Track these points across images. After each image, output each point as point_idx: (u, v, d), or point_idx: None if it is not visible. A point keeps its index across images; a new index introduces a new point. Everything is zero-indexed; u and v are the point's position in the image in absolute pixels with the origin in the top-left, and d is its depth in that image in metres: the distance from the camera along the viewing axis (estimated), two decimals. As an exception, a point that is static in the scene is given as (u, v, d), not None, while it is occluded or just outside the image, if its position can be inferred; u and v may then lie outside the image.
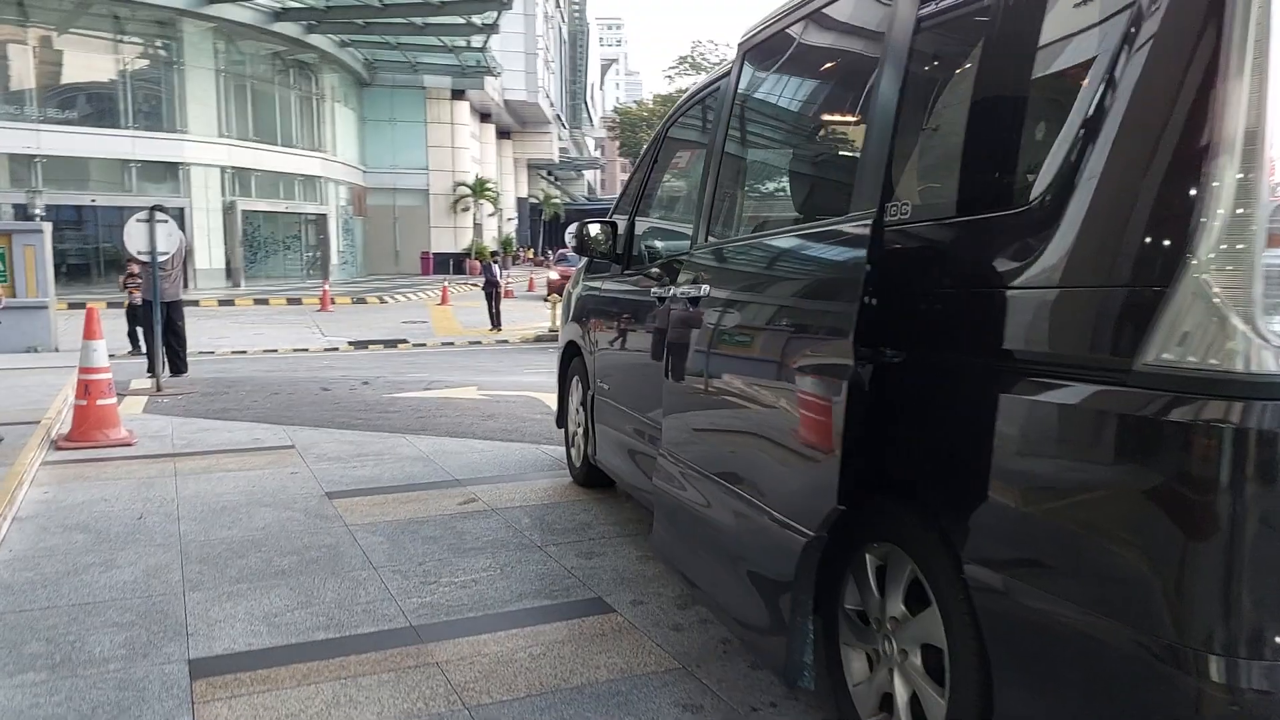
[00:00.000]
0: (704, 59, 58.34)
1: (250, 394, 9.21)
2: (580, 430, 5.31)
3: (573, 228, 4.84)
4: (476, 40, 33.02)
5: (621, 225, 4.56)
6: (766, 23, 3.07)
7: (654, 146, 4.52)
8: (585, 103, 62.99)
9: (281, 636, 3.36)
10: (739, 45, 3.27)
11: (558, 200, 52.92)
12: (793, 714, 2.83)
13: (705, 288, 3.03)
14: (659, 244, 4.66)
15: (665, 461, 3.42)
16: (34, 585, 3.84)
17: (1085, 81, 1.71)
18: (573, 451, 5.55)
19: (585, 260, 5.42)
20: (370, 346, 16.72)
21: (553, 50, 49.88)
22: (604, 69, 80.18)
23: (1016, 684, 1.83)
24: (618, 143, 69.11)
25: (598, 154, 76.64)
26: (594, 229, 4.61)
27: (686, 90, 4.40)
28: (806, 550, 2.32)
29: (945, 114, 2.21)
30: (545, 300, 20.57)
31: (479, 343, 17.93)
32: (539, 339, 18.72)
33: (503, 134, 47.28)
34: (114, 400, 6.55)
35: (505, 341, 18.21)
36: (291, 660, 3.17)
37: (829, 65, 2.91)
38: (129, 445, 6.39)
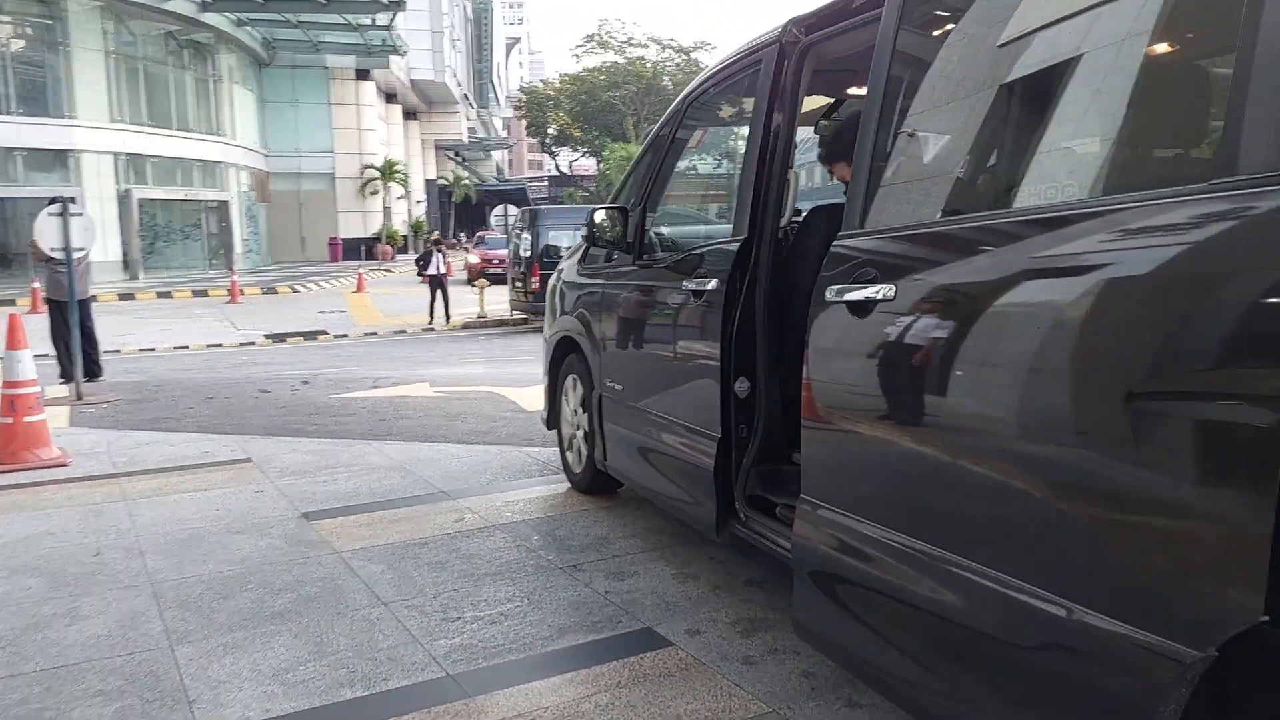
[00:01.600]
0: (611, 38, 57.61)
1: (182, 399, 8.51)
2: (580, 433, 4.90)
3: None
4: (381, 18, 31.88)
5: (634, 213, 4.16)
6: None
7: (670, 126, 4.12)
8: (492, 82, 61.76)
9: (301, 699, 2.90)
10: None
11: (468, 182, 51.76)
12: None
13: (887, 289, 2.21)
14: (681, 233, 4.28)
15: (827, 514, 2.46)
16: (-11, 647, 3.30)
17: None
18: (570, 456, 5.14)
19: (579, 250, 5.01)
20: (289, 340, 15.96)
21: (458, 29, 48.63)
22: (508, 48, 78.80)
23: None
24: (525, 122, 68.00)
25: (505, 134, 75.35)
26: (601, 216, 4.20)
27: (704, 68, 3.97)
28: None
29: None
30: (472, 285, 19.91)
31: (404, 332, 17.30)
32: (467, 326, 18.17)
33: (409, 114, 45.96)
34: (43, 416, 5.88)
35: (432, 330, 17.60)
36: (321, 731, 2.73)
37: None
38: (64, 465, 5.74)
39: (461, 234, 53.55)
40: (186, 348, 14.50)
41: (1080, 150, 2.13)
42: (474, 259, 28.49)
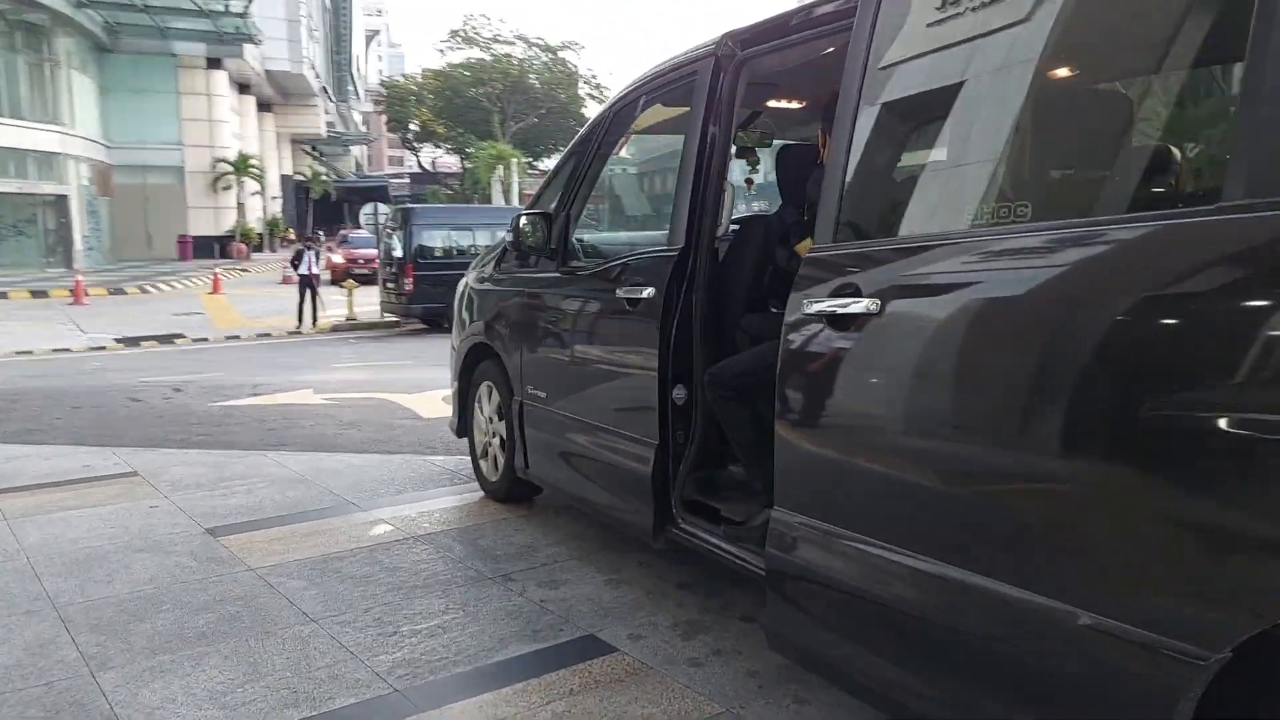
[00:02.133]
0: (478, 34, 56.81)
1: (45, 409, 8.01)
2: (497, 441, 4.87)
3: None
4: (235, 5, 30.63)
5: (558, 219, 4.17)
6: None
7: (596, 133, 4.14)
8: (351, 75, 60.13)
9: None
10: None
11: (327, 178, 50.19)
12: (874, 756, 2.64)
13: (871, 303, 2.25)
14: (604, 240, 4.32)
15: (805, 526, 2.48)
16: (-115, 684, 3.06)
17: None
18: (484, 464, 5.10)
19: (493, 256, 4.98)
20: (143, 343, 15.21)
21: (316, 18, 47.12)
22: (368, 40, 76.84)
23: None
24: (385, 117, 66.38)
25: (364, 129, 73.44)
26: (525, 221, 4.20)
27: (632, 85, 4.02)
28: None
29: None
30: (340, 286, 19.37)
31: (269, 335, 16.72)
32: (336, 329, 17.69)
33: (264, 107, 44.23)
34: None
35: (299, 333, 17.06)
36: (278, 754, 2.65)
37: None
38: (-72, 483, 5.35)
39: (320, 232, 51.88)
40: (30, 353, 13.65)
41: (1034, 170, 2.28)
42: (338, 259, 27.69)
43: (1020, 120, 2.26)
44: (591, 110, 60.59)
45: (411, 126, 61.31)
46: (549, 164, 66.36)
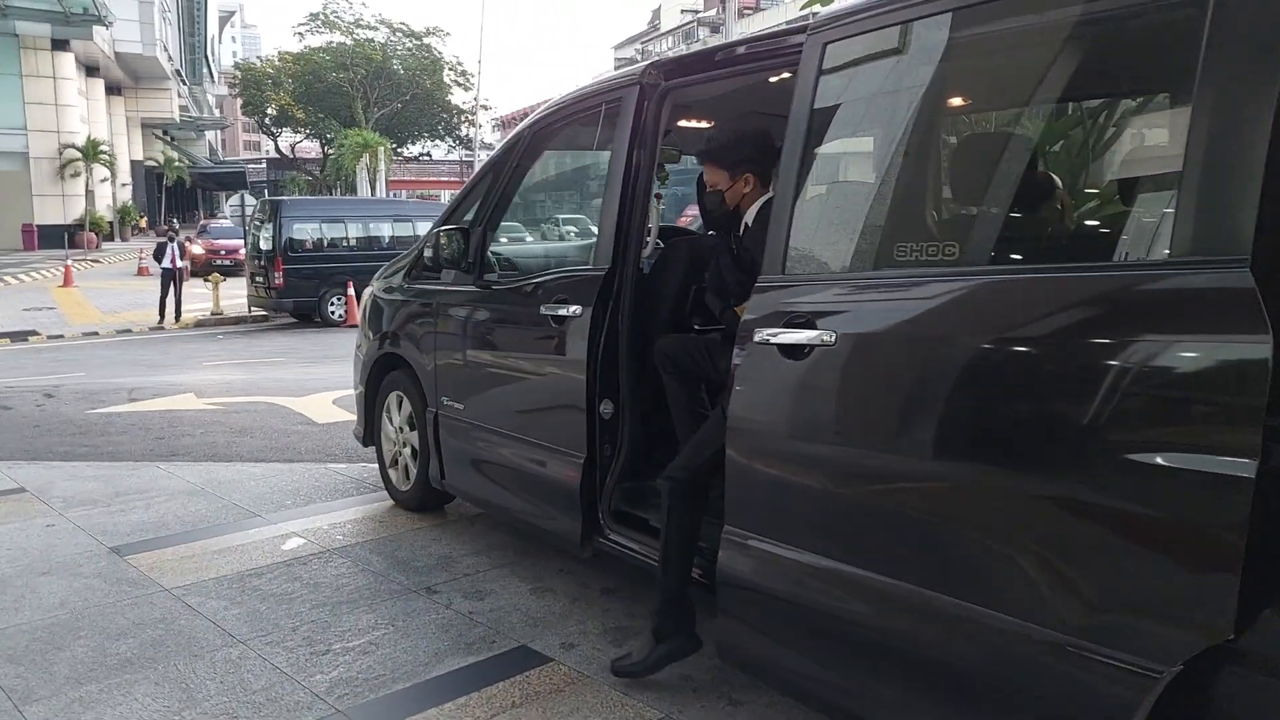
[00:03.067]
0: (339, 17, 55.22)
1: (-100, 419, 7.55)
2: (408, 450, 4.89)
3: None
4: (84, -17, 28.98)
5: (474, 233, 4.22)
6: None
7: (515, 149, 4.21)
8: (206, 57, 57.54)
9: (192, 750, 2.81)
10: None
11: (180, 164, 47.98)
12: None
13: (827, 335, 2.39)
14: (518, 253, 4.39)
15: (756, 544, 2.62)
16: None
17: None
18: (393, 474, 5.11)
19: (402, 266, 4.99)
20: (-7, 342, 14.36)
21: (168, -1, 44.94)
22: (222, 21, 73.67)
23: None
24: (240, 101, 63.88)
25: (219, 113, 70.42)
26: (443, 235, 4.23)
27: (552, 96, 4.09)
28: None
29: None
30: (205, 280, 18.67)
31: (129, 331, 16.05)
32: (201, 324, 17.10)
33: (113, 90, 41.92)
34: None
35: (162, 329, 16.41)
36: (233, 782, 2.67)
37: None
38: None
39: (174, 220, 49.63)
40: None
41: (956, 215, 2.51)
42: (198, 249, 26.58)
43: (941, 167, 2.49)
44: (458, 97, 59.84)
45: (269, 111, 59.30)
46: (414, 150, 65.48)
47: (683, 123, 4.30)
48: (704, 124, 4.17)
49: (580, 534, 3.64)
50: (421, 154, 67.14)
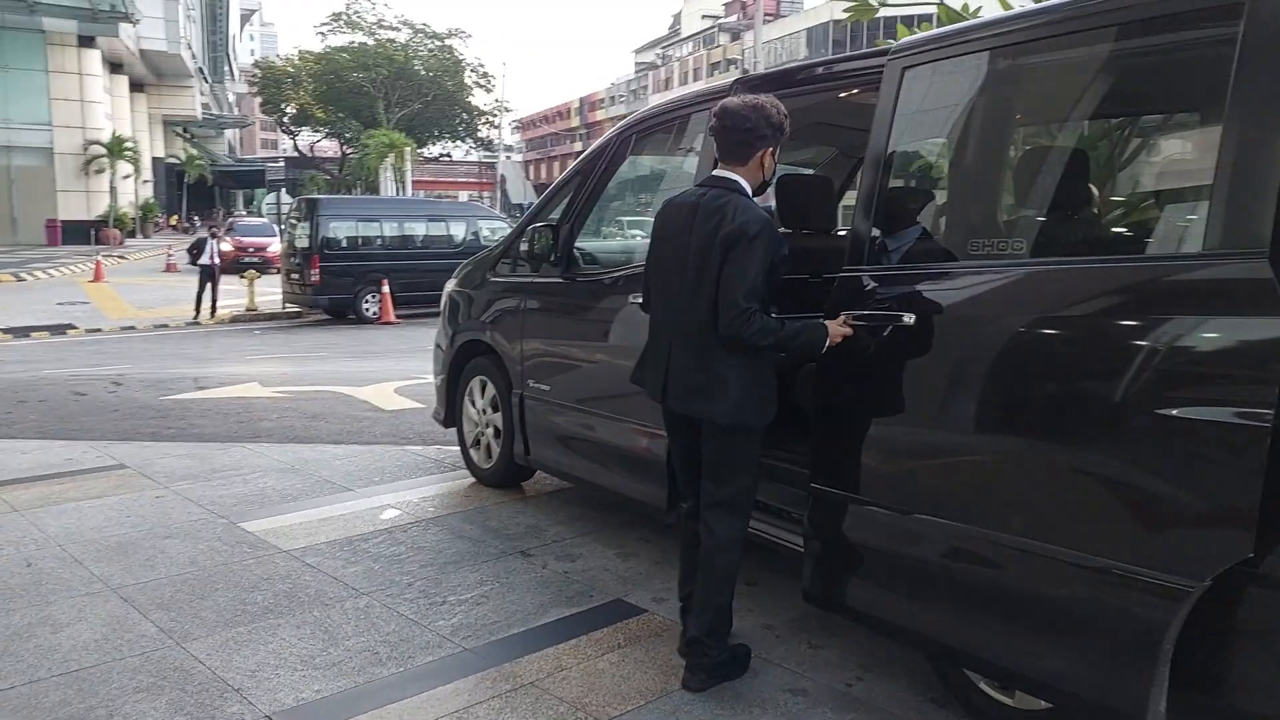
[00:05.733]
0: (361, 18, 55.89)
1: (-14, 403, 7.98)
2: (491, 430, 5.28)
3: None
4: (114, -18, 29.44)
5: (563, 229, 4.61)
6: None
7: (603, 154, 4.59)
8: (227, 55, 58.12)
9: (345, 678, 3.20)
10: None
11: (201, 162, 48.57)
12: (880, 681, 3.21)
13: (908, 316, 2.77)
14: (601, 249, 4.77)
15: (842, 500, 3.00)
16: (-13, 659, 3.31)
17: None
18: (475, 453, 5.50)
19: (483, 262, 5.38)
20: (33, 334, 14.72)
21: (193, -2, 45.50)
22: (243, 20, 74.35)
23: None
24: (259, 99, 64.55)
25: (237, 110, 71.09)
26: (537, 231, 4.61)
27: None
28: None
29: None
30: (241, 277, 19.07)
31: (166, 326, 16.40)
32: (236, 320, 17.47)
33: (136, 87, 42.52)
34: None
35: (198, 324, 16.80)
36: (390, 699, 3.06)
37: None
38: (-86, 475, 5.42)
39: (195, 217, 50.23)
40: (-96, 345, 13.13)
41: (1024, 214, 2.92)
42: (226, 246, 27.00)
43: (1011, 172, 2.89)
44: (478, 99, 60.38)
45: (288, 110, 59.91)
46: (435, 151, 66.09)
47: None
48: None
49: (666, 500, 4.01)
50: (442, 154, 67.66)
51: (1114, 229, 2.98)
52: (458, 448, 5.75)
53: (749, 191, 3.04)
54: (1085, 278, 2.48)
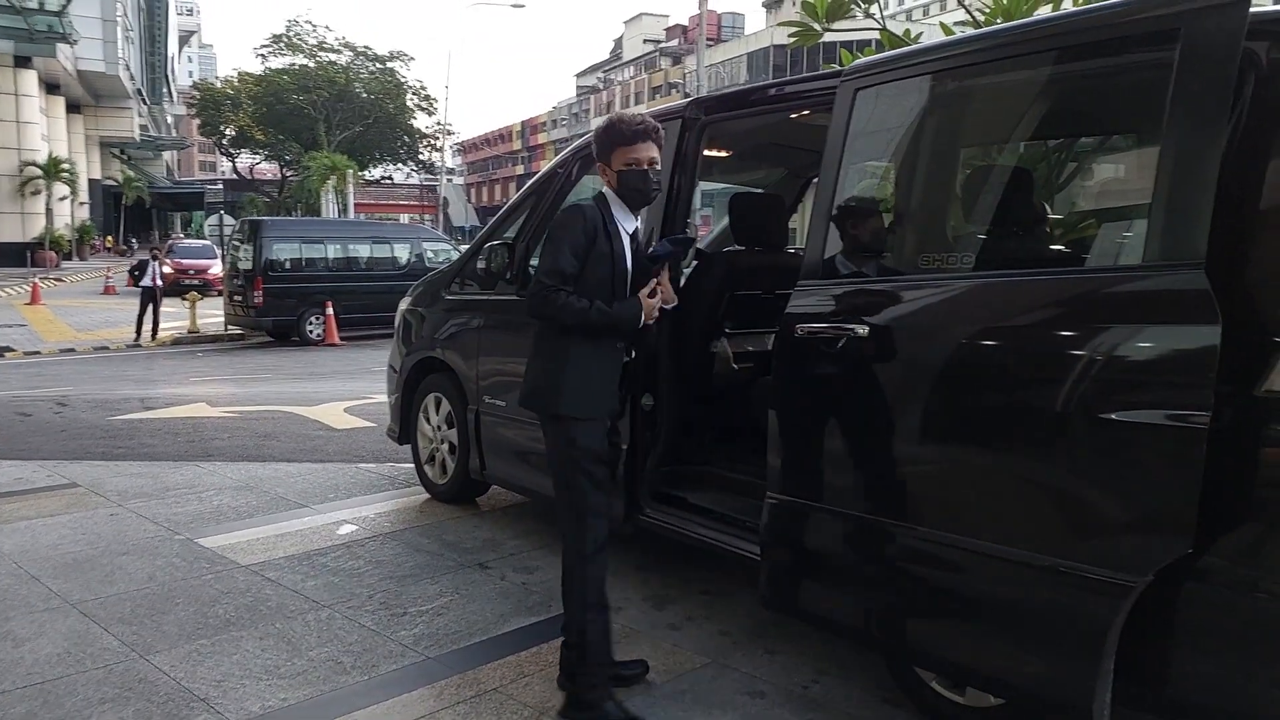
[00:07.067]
0: (302, 40, 55.47)
1: (-75, 424, 7.82)
2: (445, 446, 5.35)
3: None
4: (52, 3, 29.01)
5: (519, 247, 4.72)
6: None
7: (556, 175, 4.72)
8: (165, 76, 57.35)
9: (311, 686, 3.26)
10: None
11: (140, 183, 47.77)
12: (836, 682, 3.34)
13: (860, 328, 2.90)
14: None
15: (799, 507, 3.12)
16: (-53, 673, 3.31)
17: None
18: (429, 469, 5.56)
19: (436, 281, 5.47)
20: (-32, 357, 14.45)
21: (131, 18, 44.86)
22: (182, 41, 73.46)
23: None
24: (198, 121, 63.69)
25: (176, 132, 70.02)
26: (493, 249, 4.70)
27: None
28: None
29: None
30: (183, 299, 18.81)
31: (106, 348, 16.14)
32: (178, 342, 17.24)
33: (73, 108, 41.78)
34: None
35: (139, 346, 16.54)
36: (356, 706, 3.12)
37: None
38: None
39: (133, 240, 49.33)
40: None
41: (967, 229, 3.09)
42: (166, 269, 26.59)
43: (958, 188, 3.07)
44: (420, 121, 60.25)
45: (227, 132, 59.24)
46: (376, 173, 65.78)
47: (713, 152, 4.85)
48: (729, 154, 4.73)
49: (623, 512, 4.12)
50: (383, 177, 67.29)
51: (1058, 243, 3.16)
52: (411, 465, 5.81)
53: (610, 196, 3.15)
54: (1031, 289, 2.62)
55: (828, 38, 5.68)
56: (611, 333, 3.09)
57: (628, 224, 3.17)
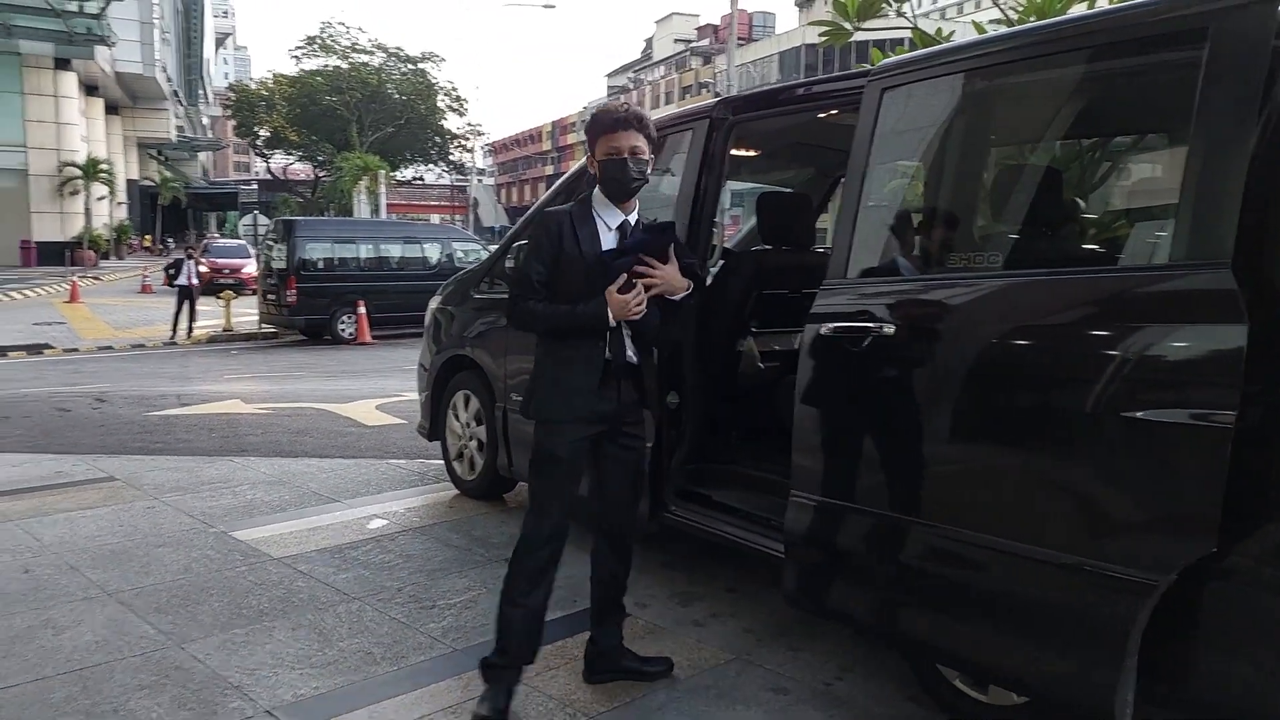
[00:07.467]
0: (335, 41, 56.00)
1: (-31, 419, 8.02)
2: (474, 443, 5.41)
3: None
4: (91, 6, 29.48)
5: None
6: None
7: (586, 173, 4.74)
8: (201, 78, 58.12)
9: (342, 675, 3.32)
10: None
11: (176, 183, 48.43)
12: (859, 680, 3.36)
13: (887, 327, 2.93)
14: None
15: (822, 504, 3.13)
16: (-8, 659, 3.40)
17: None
18: (458, 465, 5.62)
19: (466, 280, 5.53)
20: (10, 353, 14.71)
21: (168, 20, 45.53)
22: (217, 43, 74.40)
23: None
24: (233, 122, 64.44)
25: (211, 133, 70.93)
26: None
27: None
28: None
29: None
30: (218, 297, 19.07)
31: (143, 346, 16.38)
32: (213, 340, 17.47)
33: (111, 109, 42.46)
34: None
35: (174, 344, 16.78)
36: (386, 695, 3.18)
37: None
38: (-91, 489, 5.48)
39: (169, 239, 50.00)
40: (-120, 365, 13.06)
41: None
42: (202, 268, 26.97)
43: (986, 188, 3.08)
44: (451, 122, 60.65)
45: (261, 132, 59.89)
46: (407, 174, 66.28)
47: (741, 151, 4.87)
48: (758, 153, 4.75)
49: (649, 510, 4.15)
50: (415, 178, 67.76)
51: (1089, 243, 3.15)
52: (441, 461, 5.88)
53: (597, 192, 3.14)
54: (1058, 288, 2.61)
55: (859, 36, 5.68)
56: (581, 334, 3.06)
57: (612, 219, 3.10)
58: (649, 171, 3.11)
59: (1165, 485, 2.32)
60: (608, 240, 3.08)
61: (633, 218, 3.14)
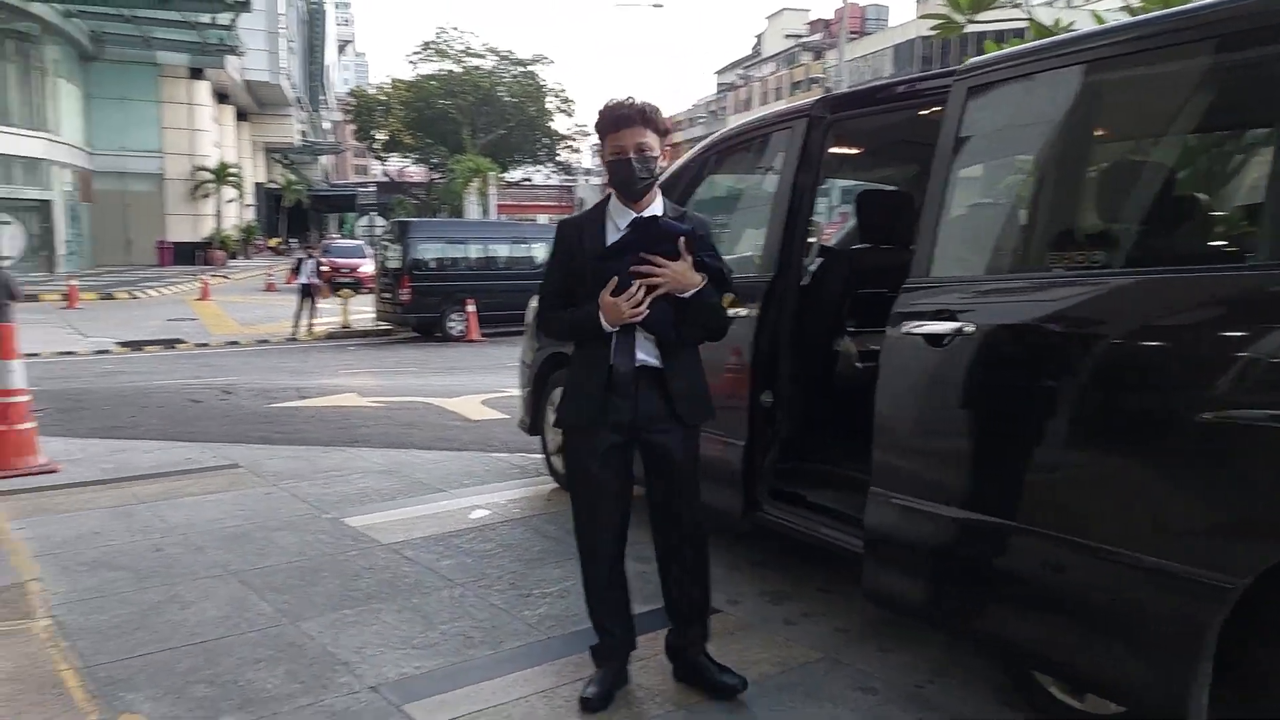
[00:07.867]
0: (449, 46, 57.51)
1: (115, 408, 8.62)
2: (576, 439, 5.53)
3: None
4: (223, 18, 30.96)
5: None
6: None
7: (685, 170, 4.81)
8: (323, 84, 60.41)
9: (442, 657, 3.47)
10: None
11: (299, 186, 50.49)
12: (952, 684, 3.34)
13: (967, 326, 2.90)
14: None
15: (902, 502, 3.11)
16: (126, 630, 3.67)
17: None
18: (556, 460, 5.76)
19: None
20: (146, 348, 15.55)
21: (294, 29, 47.49)
22: (340, 50, 77.14)
23: None
24: (353, 127, 66.67)
25: (332, 137, 73.60)
26: None
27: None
28: None
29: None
30: (337, 294, 19.83)
31: (266, 341, 17.11)
32: (332, 336, 18.12)
33: (240, 115, 44.55)
34: (34, 424, 6.01)
35: (295, 340, 17.48)
36: (483, 678, 3.31)
37: None
38: (54, 471, 5.91)
39: (293, 240, 52.05)
40: (37, 355, 13.91)
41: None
42: (323, 267, 28.04)
43: (1070, 188, 3.03)
44: (560, 123, 61.51)
45: (379, 136, 61.79)
46: (516, 175, 67.48)
47: (842, 149, 4.87)
48: (859, 151, 4.75)
49: (741, 509, 4.19)
50: (524, 179, 68.93)
51: (1190, 241, 3.04)
52: (540, 455, 6.03)
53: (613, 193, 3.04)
54: (1154, 288, 2.55)
55: (972, 28, 5.54)
56: (585, 338, 3.03)
57: (622, 219, 2.97)
58: (657, 168, 2.97)
59: (1249, 488, 2.26)
60: (615, 241, 2.99)
61: (657, 212, 3.00)
